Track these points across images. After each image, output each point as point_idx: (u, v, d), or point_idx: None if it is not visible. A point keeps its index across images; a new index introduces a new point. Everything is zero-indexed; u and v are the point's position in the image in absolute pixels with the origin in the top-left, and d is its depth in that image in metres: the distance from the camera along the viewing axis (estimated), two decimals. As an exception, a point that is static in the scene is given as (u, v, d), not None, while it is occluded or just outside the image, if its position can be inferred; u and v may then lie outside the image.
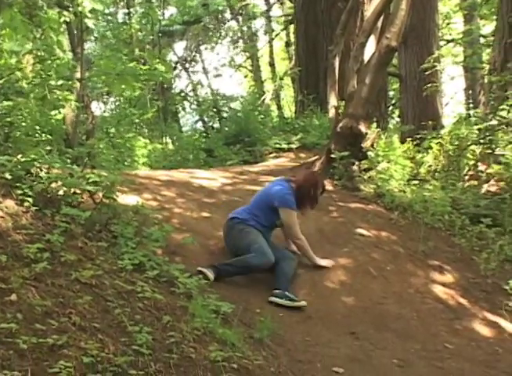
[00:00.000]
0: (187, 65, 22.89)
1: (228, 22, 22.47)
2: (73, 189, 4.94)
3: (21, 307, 3.17)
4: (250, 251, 5.28)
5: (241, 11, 21.82)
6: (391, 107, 19.54)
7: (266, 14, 21.99)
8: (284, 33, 22.23)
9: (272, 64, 22.63)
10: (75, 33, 11.83)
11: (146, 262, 4.47)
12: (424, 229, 6.69)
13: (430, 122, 10.28)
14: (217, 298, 4.36)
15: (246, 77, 25.17)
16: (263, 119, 13.21)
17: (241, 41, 23.16)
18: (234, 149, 11.46)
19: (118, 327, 3.40)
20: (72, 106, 10.17)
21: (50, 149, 6.31)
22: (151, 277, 4.34)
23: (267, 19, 22.19)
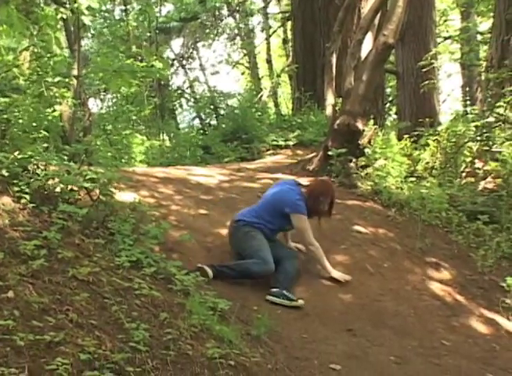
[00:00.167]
0: (184, 62, 22.86)
1: (226, 19, 22.47)
2: (70, 186, 4.93)
3: (18, 304, 3.16)
4: (253, 256, 5.19)
5: (238, 8, 21.82)
6: (388, 104, 19.55)
7: (263, 11, 21.99)
8: (281, 30, 22.23)
9: (269, 61, 22.63)
10: (72, 30, 11.82)
11: (143, 259, 4.46)
12: (421, 226, 6.70)
13: (428, 119, 10.25)
14: (214, 295, 4.35)
15: (244, 74, 25.13)
16: (260, 116, 13.23)
17: (238, 38, 23.15)
18: (231, 146, 11.48)
19: (115, 324, 3.40)
20: (69, 103, 10.17)
21: (47, 146, 6.30)
22: (148, 274, 4.34)
23: (264, 16, 22.18)
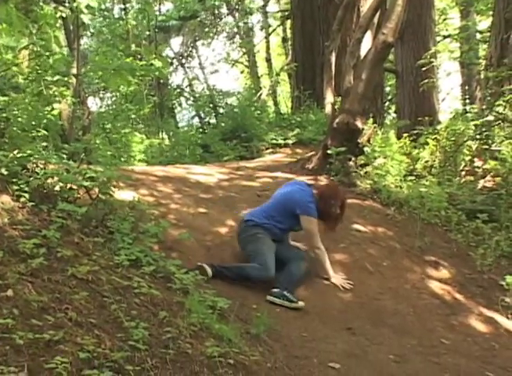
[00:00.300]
0: (183, 60, 22.85)
1: (225, 17, 22.45)
2: (69, 185, 4.92)
3: (17, 303, 3.16)
4: (255, 259, 5.18)
5: (237, 6, 21.80)
6: (388, 103, 19.58)
7: (263, 9, 21.99)
8: (281, 28, 22.24)
9: (268, 60, 22.64)
10: (71, 28, 11.82)
11: (142, 258, 4.46)
12: (421, 224, 6.70)
13: (427, 118, 10.27)
14: (213, 293, 4.34)
15: (243, 72, 25.13)
16: (259, 115, 13.23)
17: (238, 36, 23.13)
18: (230, 144, 11.48)
19: (114, 323, 3.40)
20: (68, 102, 10.17)
21: (46, 144, 6.30)
22: (147, 273, 4.33)
23: (263, 15, 22.19)
